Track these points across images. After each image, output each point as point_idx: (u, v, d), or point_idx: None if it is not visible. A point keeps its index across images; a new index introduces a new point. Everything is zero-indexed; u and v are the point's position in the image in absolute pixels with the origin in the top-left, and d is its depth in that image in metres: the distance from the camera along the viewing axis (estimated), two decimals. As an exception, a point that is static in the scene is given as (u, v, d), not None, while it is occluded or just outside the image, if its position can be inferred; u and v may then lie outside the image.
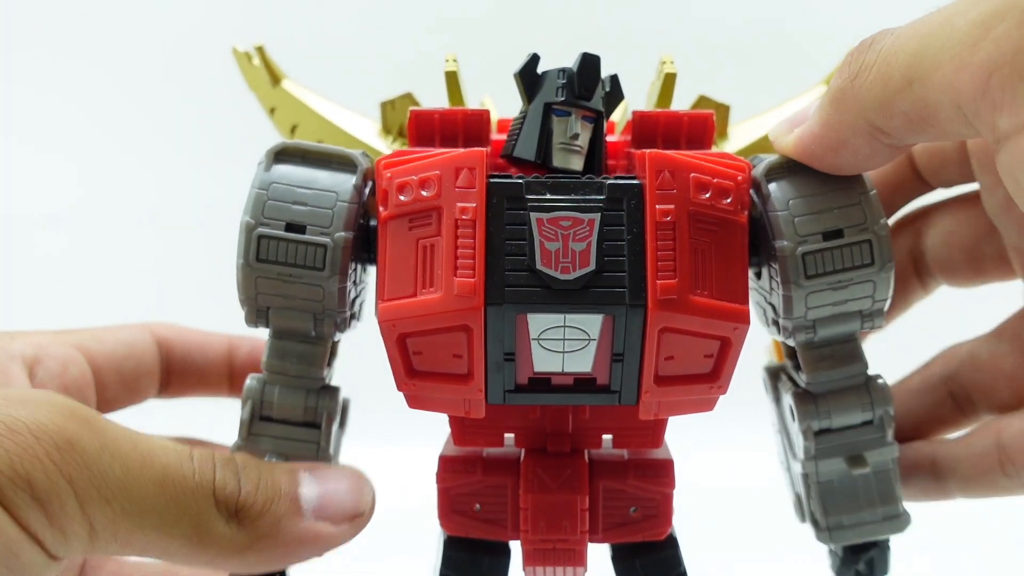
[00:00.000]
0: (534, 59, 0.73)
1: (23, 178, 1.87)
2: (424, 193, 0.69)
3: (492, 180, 0.68)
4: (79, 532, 0.61)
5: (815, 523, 0.80)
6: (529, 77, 0.73)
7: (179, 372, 0.94)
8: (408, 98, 0.87)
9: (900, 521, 0.79)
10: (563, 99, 0.72)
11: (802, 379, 0.78)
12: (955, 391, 0.90)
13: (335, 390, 0.79)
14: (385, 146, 0.88)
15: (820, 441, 0.78)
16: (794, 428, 0.80)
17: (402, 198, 0.69)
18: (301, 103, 0.91)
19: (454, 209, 0.67)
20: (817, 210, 0.72)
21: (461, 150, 0.70)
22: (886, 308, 0.75)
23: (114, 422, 0.66)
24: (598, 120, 0.73)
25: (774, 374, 0.86)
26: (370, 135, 0.89)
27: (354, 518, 0.72)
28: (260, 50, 0.91)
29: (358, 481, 0.74)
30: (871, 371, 0.78)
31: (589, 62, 0.72)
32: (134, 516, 0.63)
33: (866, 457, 0.78)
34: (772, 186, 0.73)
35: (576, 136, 0.72)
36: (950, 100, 0.59)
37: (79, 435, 0.62)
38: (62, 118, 1.86)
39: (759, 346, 0.87)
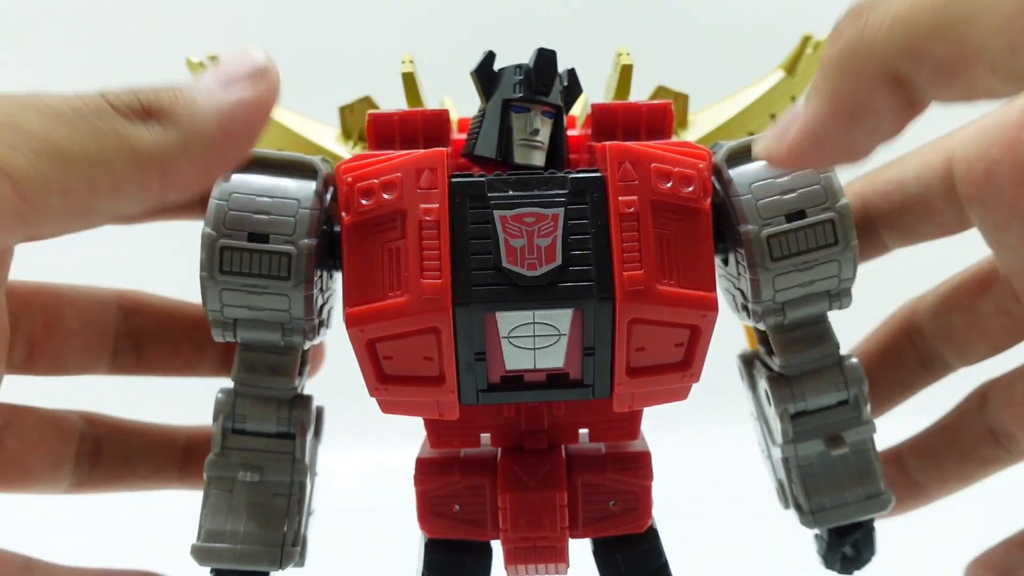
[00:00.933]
0: (490, 56, 0.73)
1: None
2: (386, 196, 0.68)
3: (454, 180, 0.68)
4: (2, 191, 0.55)
5: (798, 508, 0.80)
6: (486, 75, 0.73)
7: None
8: (367, 101, 0.86)
9: (882, 500, 0.79)
10: (521, 95, 0.72)
11: (776, 363, 0.79)
12: (920, 348, 0.89)
13: (308, 399, 0.79)
14: (345, 151, 0.87)
15: (797, 424, 0.78)
16: (771, 412, 0.80)
17: (364, 202, 0.69)
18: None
19: (417, 211, 0.67)
20: (779, 192, 0.73)
21: (422, 151, 0.70)
22: (852, 287, 0.75)
23: None
24: (558, 115, 0.73)
25: (748, 361, 0.87)
26: (329, 140, 0.88)
27: (261, 71, 0.65)
28: (214, 60, 0.90)
29: (239, 50, 0.67)
30: (843, 351, 0.79)
31: (545, 57, 0.72)
32: (53, 155, 0.57)
33: (844, 437, 0.78)
34: (733, 171, 0.74)
35: (536, 132, 0.72)
36: (1005, 43, 0.51)
37: None
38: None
39: (733, 336, 0.87)
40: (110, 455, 0.88)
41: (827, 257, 0.73)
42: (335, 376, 0.89)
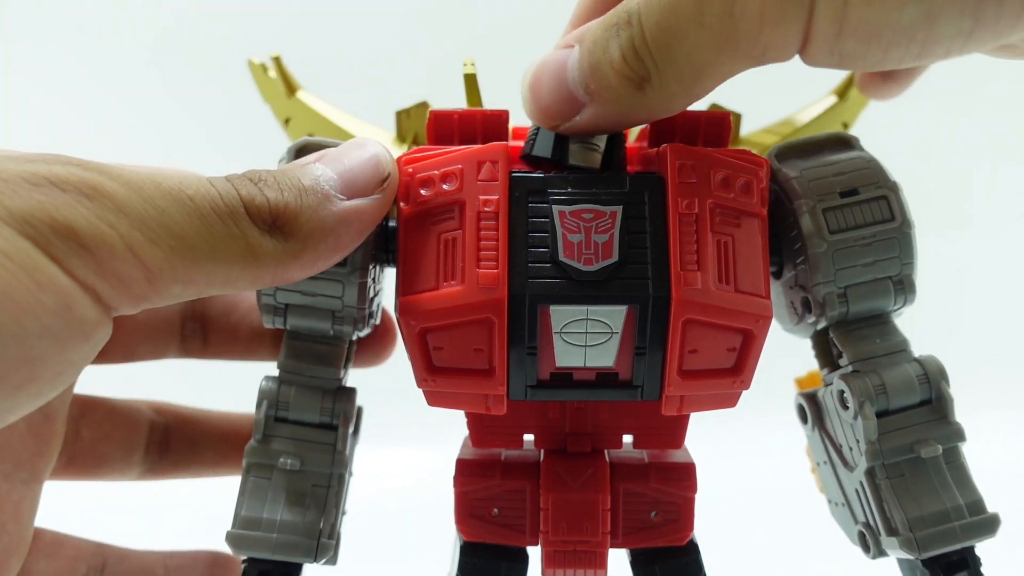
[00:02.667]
0: None
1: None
2: (446, 187, 0.69)
3: (514, 174, 0.69)
4: (136, 276, 0.58)
5: (894, 532, 0.73)
6: (548, 77, 0.74)
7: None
8: (423, 106, 0.88)
9: (987, 520, 0.72)
10: None
11: (843, 364, 0.77)
12: None
13: (351, 392, 0.79)
14: (400, 154, 0.88)
15: (881, 425, 0.74)
16: (847, 420, 0.76)
17: (423, 193, 0.70)
18: (316, 113, 0.92)
19: (476, 202, 0.68)
20: (829, 174, 0.75)
21: (483, 145, 0.71)
22: (915, 275, 0.75)
23: (126, 165, 0.62)
24: (616, 120, 0.74)
25: (810, 396, 0.82)
26: (385, 144, 0.89)
27: (383, 183, 0.69)
28: (276, 60, 0.92)
29: (370, 148, 0.70)
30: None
31: None
32: (185, 252, 0.59)
33: (933, 439, 0.73)
34: (784, 162, 0.77)
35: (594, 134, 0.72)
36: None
37: (102, 183, 0.58)
38: (81, 124, 1.87)
39: (778, 350, 0.86)
40: (178, 443, 0.91)
41: (885, 234, 0.74)
42: (373, 375, 0.88)
